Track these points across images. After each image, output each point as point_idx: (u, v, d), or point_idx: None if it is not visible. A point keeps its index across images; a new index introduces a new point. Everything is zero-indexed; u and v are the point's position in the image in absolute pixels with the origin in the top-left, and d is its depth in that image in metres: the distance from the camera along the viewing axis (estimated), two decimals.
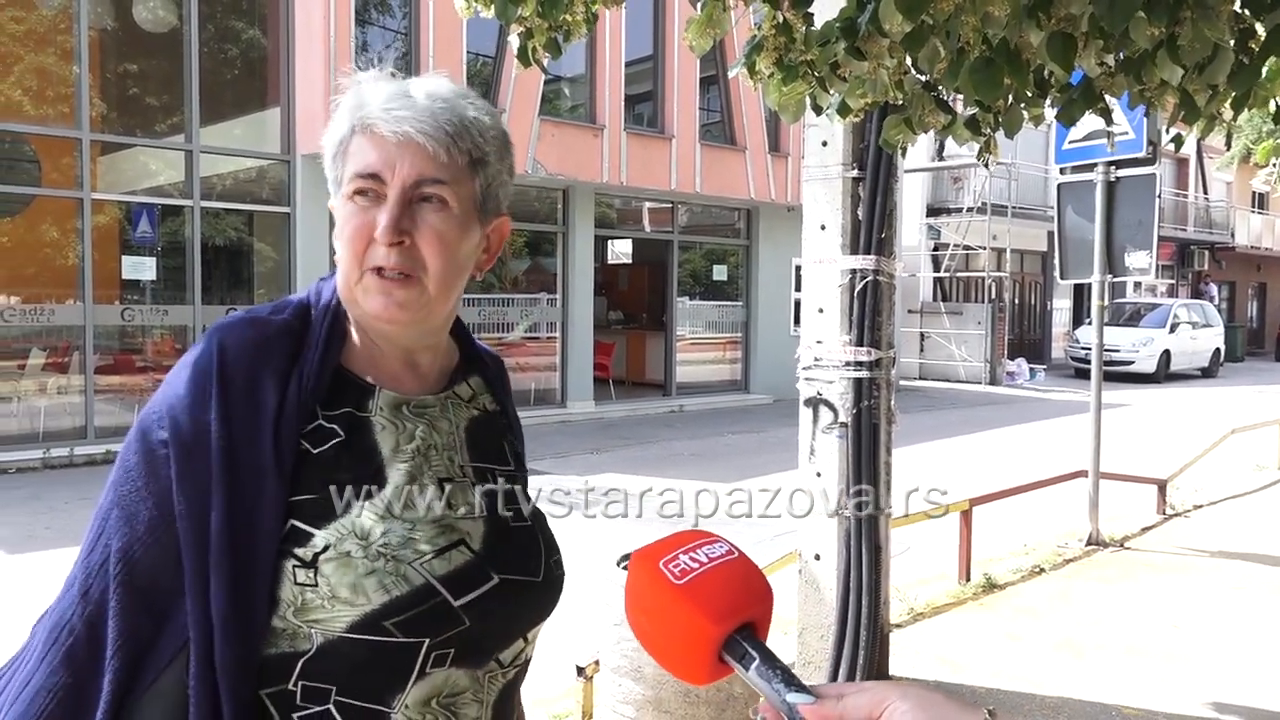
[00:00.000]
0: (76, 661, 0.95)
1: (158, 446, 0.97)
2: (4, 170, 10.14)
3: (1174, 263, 29.58)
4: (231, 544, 0.94)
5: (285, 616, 0.96)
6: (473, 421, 1.14)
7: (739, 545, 0.91)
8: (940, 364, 20.68)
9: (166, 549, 0.95)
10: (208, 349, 1.01)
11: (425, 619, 0.97)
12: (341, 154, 1.04)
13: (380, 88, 1.04)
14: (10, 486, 8.49)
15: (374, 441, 1.04)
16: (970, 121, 2.72)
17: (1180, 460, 8.40)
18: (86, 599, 0.96)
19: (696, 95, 15.07)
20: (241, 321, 1.04)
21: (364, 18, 11.95)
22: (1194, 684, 4.27)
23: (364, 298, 1.03)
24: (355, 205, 1.02)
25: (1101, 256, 6.59)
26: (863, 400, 3.85)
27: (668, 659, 0.88)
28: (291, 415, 0.99)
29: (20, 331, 9.95)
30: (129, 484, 0.98)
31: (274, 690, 0.97)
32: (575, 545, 5.34)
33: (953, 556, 5.75)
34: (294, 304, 1.08)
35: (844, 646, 3.88)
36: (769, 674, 0.83)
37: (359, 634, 0.95)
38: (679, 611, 0.85)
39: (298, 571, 0.96)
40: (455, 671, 1.01)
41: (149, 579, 0.96)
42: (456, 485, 1.08)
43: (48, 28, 10.19)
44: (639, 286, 18.20)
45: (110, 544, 0.96)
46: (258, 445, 0.97)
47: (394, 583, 0.96)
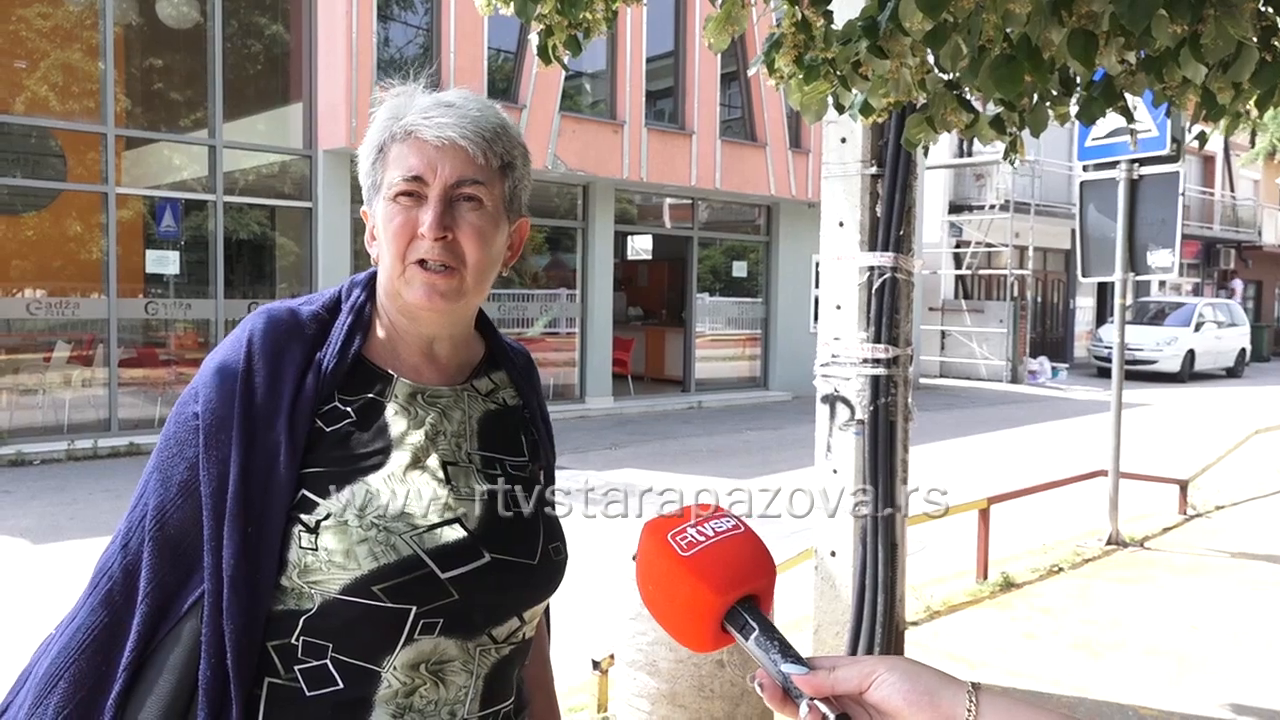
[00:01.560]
0: (114, 603, 1.07)
1: (191, 419, 1.09)
2: (31, 165, 10.25)
3: (1199, 261, 29.29)
4: (244, 508, 1.05)
5: (291, 577, 1.06)
6: (488, 414, 1.22)
7: (747, 523, 0.95)
8: (961, 362, 20.58)
9: (194, 508, 1.07)
10: (240, 335, 1.13)
11: (412, 587, 1.06)
12: (381, 160, 1.15)
13: (416, 98, 1.15)
14: (35, 478, 8.59)
15: (385, 424, 1.14)
16: (995, 121, 2.71)
17: (1202, 460, 8.34)
18: (126, 550, 1.09)
19: (717, 91, 15.04)
20: (274, 310, 1.16)
21: (386, 13, 11.99)
22: (1212, 686, 4.24)
23: (407, 289, 1.13)
24: (398, 205, 1.12)
25: (1124, 255, 6.55)
26: (880, 397, 3.85)
27: (673, 626, 0.93)
28: (309, 396, 1.10)
29: (46, 325, 10.06)
30: (167, 450, 1.10)
31: (279, 643, 1.07)
32: (590, 542, 5.35)
33: (970, 555, 5.73)
34: (327, 297, 1.20)
35: (859, 643, 3.88)
36: (767, 644, 0.87)
37: (351, 596, 1.05)
38: (684, 582, 0.90)
39: (302, 536, 1.06)
40: (444, 640, 1.09)
41: (178, 534, 1.07)
42: (460, 469, 1.16)
43: (74, 24, 10.29)
44: (658, 282, 18.20)
45: (148, 502, 1.09)
46: (275, 422, 1.08)
47: (383, 551, 1.06)
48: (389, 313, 1.18)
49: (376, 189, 1.15)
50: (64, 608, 1.17)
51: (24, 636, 1.28)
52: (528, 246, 14.48)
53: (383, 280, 1.16)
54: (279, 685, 1.07)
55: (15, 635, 4.54)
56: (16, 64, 9.90)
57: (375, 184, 1.15)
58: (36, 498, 7.78)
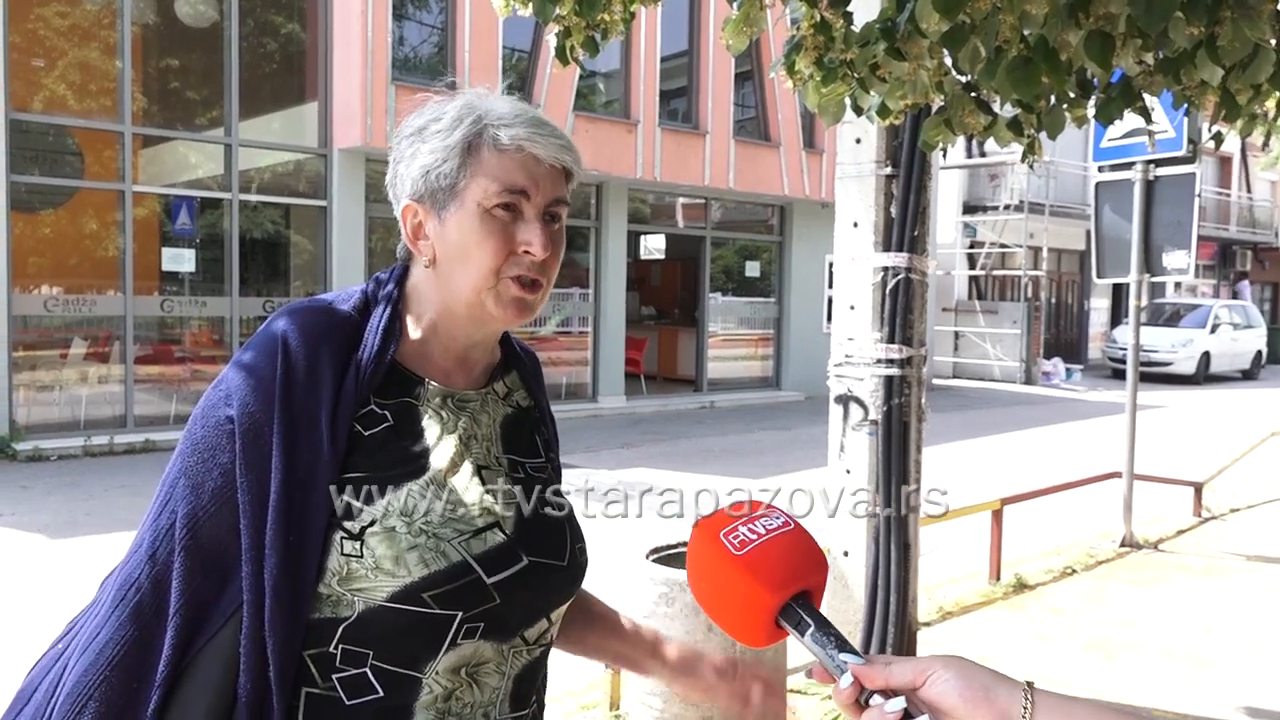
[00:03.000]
0: (143, 617, 1.03)
1: (224, 423, 1.05)
2: (48, 163, 10.32)
3: (1215, 262, 29.11)
4: (287, 517, 1.03)
5: (330, 584, 1.04)
6: (507, 417, 1.23)
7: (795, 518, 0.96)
8: (975, 363, 20.51)
9: (228, 518, 1.03)
10: (273, 333, 1.09)
11: (460, 593, 1.05)
12: (471, 165, 1.10)
13: (496, 102, 1.13)
14: (52, 474, 8.65)
15: (421, 429, 1.13)
16: (1012, 123, 2.70)
17: (1218, 463, 8.29)
18: (154, 560, 1.04)
19: (731, 91, 15.04)
20: (307, 309, 1.13)
21: (401, 13, 12.03)
22: (1227, 688, 4.23)
23: (496, 303, 1.12)
24: (495, 218, 1.10)
25: (1139, 256, 6.52)
26: (893, 398, 3.85)
27: (728, 623, 0.94)
28: (348, 401, 1.08)
29: (63, 321, 10.14)
30: (196, 455, 1.06)
31: (316, 652, 1.05)
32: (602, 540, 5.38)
33: (983, 556, 5.72)
34: (355, 297, 1.16)
35: (871, 643, 3.88)
36: (823, 639, 0.89)
37: (398, 604, 1.03)
38: (738, 581, 0.91)
39: (345, 543, 1.04)
40: (483, 644, 1.09)
41: (211, 544, 1.04)
42: (493, 473, 1.16)
43: (92, 23, 10.36)
44: (671, 282, 18.20)
45: (177, 510, 1.04)
46: (315, 427, 1.05)
47: (433, 558, 1.04)
48: (438, 317, 1.16)
49: (454, 194, 1.11)
50: (80, 602, 1.16)
51: (41, 630, 1.27)
52: None
53: (456, 288, 1.12)
54: (317, 695, 1.05)
55: (33, 629, 4.58)
56: (35, 63, 9.97)
57: (453, 187, 1.11)
58: (53, 493, 7.84)
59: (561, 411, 13.16)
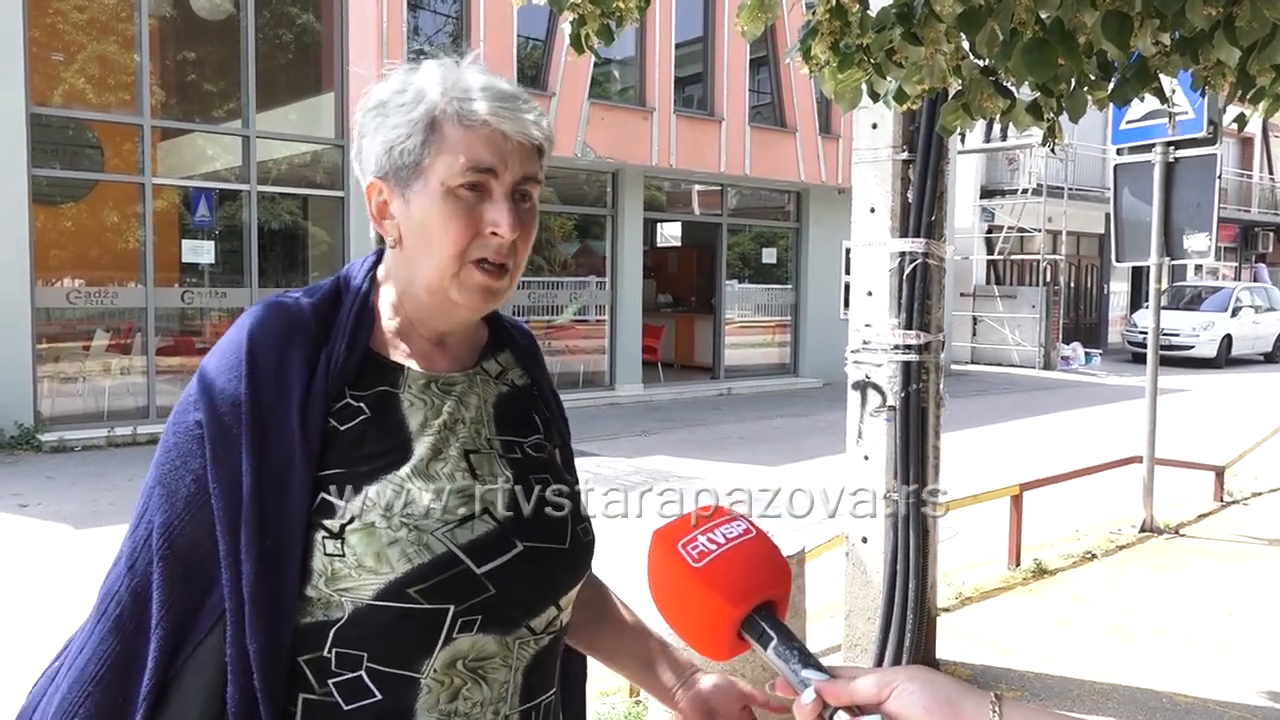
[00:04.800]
0: (124, 630, 1.01)
1: (193, 428, 1.03)
2: (69, 156, 10.40)
3: (1236, 245, 28.82)
4: (260, 518, 0.99)
5: (318, 586, 1.00)
6: (501, 396, 1.17)
7: (756, 523, 0.93)
8: (993, 348, 20.41)
9: (204, 523, 1.00)
10: (238, 334, 1.05)
11: (448, 586, 1.00)
12: (434, 141, 1.04)
13: (467, 74, 1.06)
14: (76, 464, 8.75)
15: (401, 417, 1.07)
16: (1031, 106, 2.68)
17: (1239, 447, 8.24)
18: (133, 571, 1.02)
19: (746, 77, 14.98)
20: (271, 306, 1.08)
21: (416, 2, 12.04)
22: (1250, 673, 4.21)
23: (459, 289, 1.06)
24: (460, 198, 1.04)
25: (1159, 239, 6.47)
26: (911, 384, 3.84)
27: (689, 635, 0.91)
28: (319, 395, 1.03)
29: (85, 313, 10.22)
30: (169, 462, 1.03)
31: (310, 657, 1.02)
32: (620, 526, 5.37)
33: (1003, 541, 5.71)
34: (324, 288, 1.11)
35: (890, 630, 3.89)
36: (786, 653, 0.86)
37: (385, 601, 0.99)
38: (697, 594, 0.88)
39: (326, 542, 1.00)
40: (483, 637, 1.04)
41: (189, 552, 1.00)
42: (483, 456, 1.10)
43: (110, 17, 10.41)
44: (688, 269, 18.18)
45: (153, 520, 1.02)
46: (286, 424, 1.01)
47: (416, 551, 1.00)
48: (406, 303, 1.11)
49: (418, 171, 1.04)
50: None
51: (66, 619, 1.27)
52: (557, 233, 14.54)
53: (419, 273, 1.07)
54: (314, 701, 1.01)
55: (58, 618, 4.65)
56: (54, 57, 10.03)
57: (416, 165, 1.04)
58: (77, 484, 7.93)
59: (579, 399, 13.19)
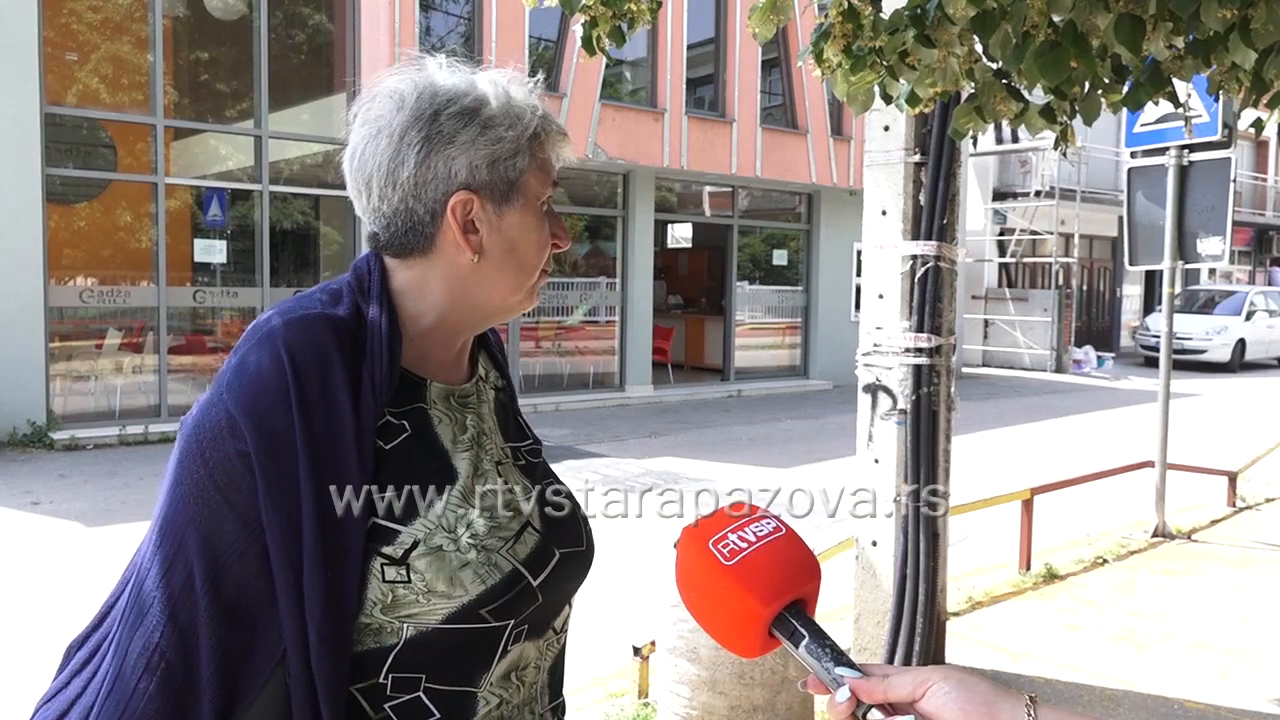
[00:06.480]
0: (174, 685, 0.93)
1: (233, 458, 0.94)
2: (82, 156, 10.45)
3: (1251, 248, 28.67)
4: (324, 548, 0.93)
5: (373, 614, 0.96)
6: (495, 404, 1.17)
7: (786, 521, 0.93)
8: (1005, 351, 20.35)
9: (252, 563, 0.94)
10: (273, 354, 0.97)
11: (514, 602, 1.01)
12: (534, 156, 1.06)
13: (534, 97, 1.08)
14: (88, 462, 8.79)
15: (436, 434, 1.05)
16: (1045, 109, 2.67)
17: (1252, 452, 8.19)
18: (175, 622, 0.93)
19: (758, 78, 14.96)
20: (301, 321, 1.00)
21: (428, 3, 12.06)
22: (1262, 680, 4.18)
23: (529, 297, 1.10)
24: (543, 212, 1.08)
25: (1173, 242, 6.44)
26: (922, 387, 3.83)
27: (719, 634, 0.91)
28: (368, 414, 0.98)
29: (97, 312, 10.27)
30: (203, 498, 0.94)
31: (365, 685, 0.98)
32: (632, 529, 5.37)
33: (1013, 545, 5.69)
34: (345, 297, 1.04)
35: (900, 633, 3.87)
36: (818, 651, 0.86)
37: (455, 624, 0.97)
38: (729, 592, 0.88)
39: (387, 569, 0.96)
40: (527, 645, 1.06)
41: (237, 596, 0.94)
42: (507, 467, 1.11)
43: (123, 17, 10.46)
44: (698, 271, 18.18)
45: (193, 564, 0.93)
46: (340, 447, 0.96)
47: (488, 572, 0.99)
48: (452, 315, 1.07)
49: (517, 187, 1.05)
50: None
51: (77, 617, 1.22)
52: (568, 234, 14.55)
53: (496, 286, 1.06)
54: None
55: (70, 616, 4.67)
56: (68, 57, 10.09)
57: (515, 181, 1.04)
58: (89, 482, 7.97)
59: (588, 400, 13.21)
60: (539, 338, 13.61)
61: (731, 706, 3.19)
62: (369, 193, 1.06)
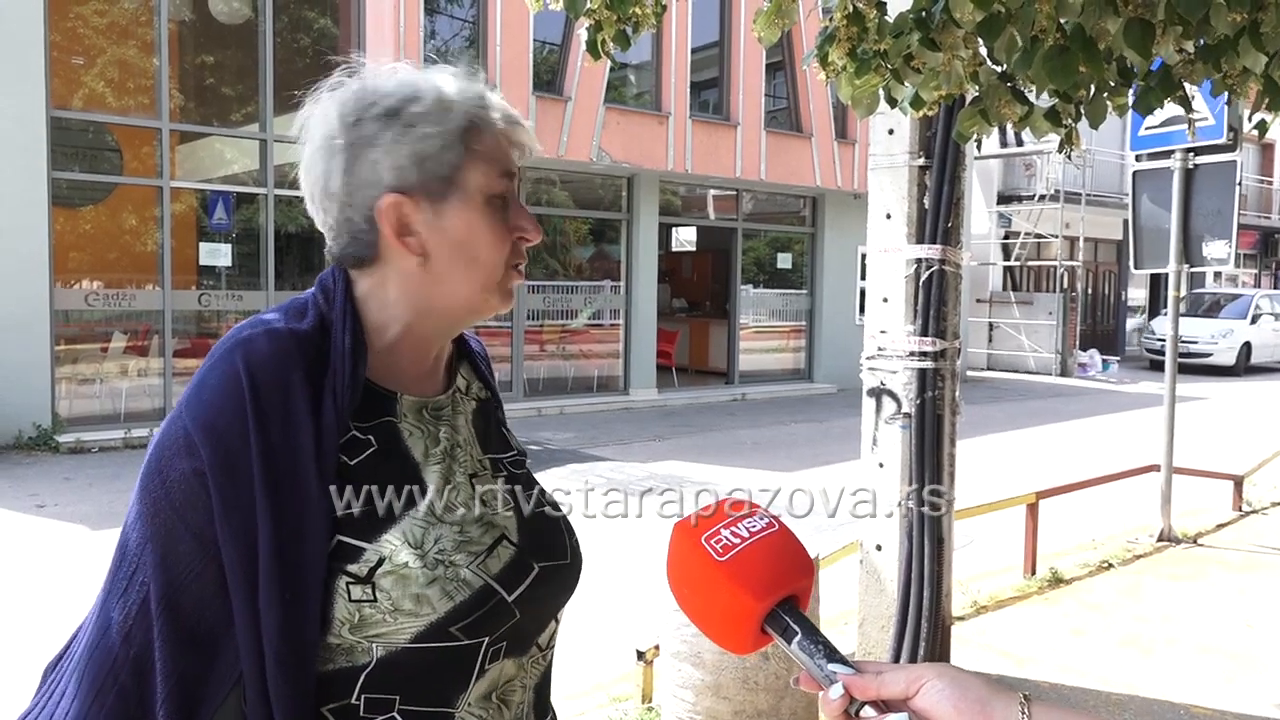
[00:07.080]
0: (128, 708, 0.91)
1: (190, 477, 0.92)
2: (88, 160, 10.47)
3: (1256, 252, 28.62)
4: (280, 568, 0.91)
5: (341, 634, 0.94)
6: (474, 414, 1.13)
7: (779, 518, 0.93)
8: (1009, 355, 20.32)
9: (209, 583, 0.91)
10: (230, 367, 0.94)
11: (486, 619, 0.97)
12: (469, 150, 1.01)
13: (478, 87, 1.04)
14: (94, 465, 8.80)
15: (405, 448, 1.02)
16: (1050, 113, 2.67)
17: (1258, 456, 8.17)
18: (129, 643, 0.92)
19: (762, 82, 14.96)
20: (260, 334, 0.97)
21: (433, 7, 12.08)
22: (1268, 685, 4.17)
23: (499, 297, 1.05)
24: (494, 206, 1.02)
25: (1178, 246, 6.43)
26: (927, 391, 3.82)
27: (711, 630, 0.91)
28: (330, 430, 0.95)
29: (103, 315, 10.29)
30: (159, 517, 0.92)
31: (337, 706, 0.95)
32: (632, 530, 5.38)
33: (1018, 550, 5.67)
34: (310, 312, 1.02)
35: (904, 638, 3.86)
36: (811, 647, 0.86)
37: (424, 643, 0.94)
38: (722, 588, 0.88)
39: (352, 588, 0.93)
40: (506, 662, 1.02)
41: (194, 617, 0.91)
42: (482, 479, 1.07)
43: (129, 21, 10.49)
44: (703, 274, 18.18)
45: (149, 583, 0.91)
46: (299, 464, 0.93)
47: (456, 589, 0.96)
48: (418, 324, 1.04)
49: (453, 183, 1.00)
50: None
51: (81, 619, 1.20)
52: (572, 237, 14.57)
53: (452, 290, 1.02)
54: None
55: (73, 618, 4.67)
56: (74, 60, 10.11)
57: (450, 177, 1.00)
58: (94, 485, 7.98)
59: (593, 404, 13.20)
60: (543, 341, 13.61)
61: (736, 711, 3.18)
62: (314, 206, 1.05)
